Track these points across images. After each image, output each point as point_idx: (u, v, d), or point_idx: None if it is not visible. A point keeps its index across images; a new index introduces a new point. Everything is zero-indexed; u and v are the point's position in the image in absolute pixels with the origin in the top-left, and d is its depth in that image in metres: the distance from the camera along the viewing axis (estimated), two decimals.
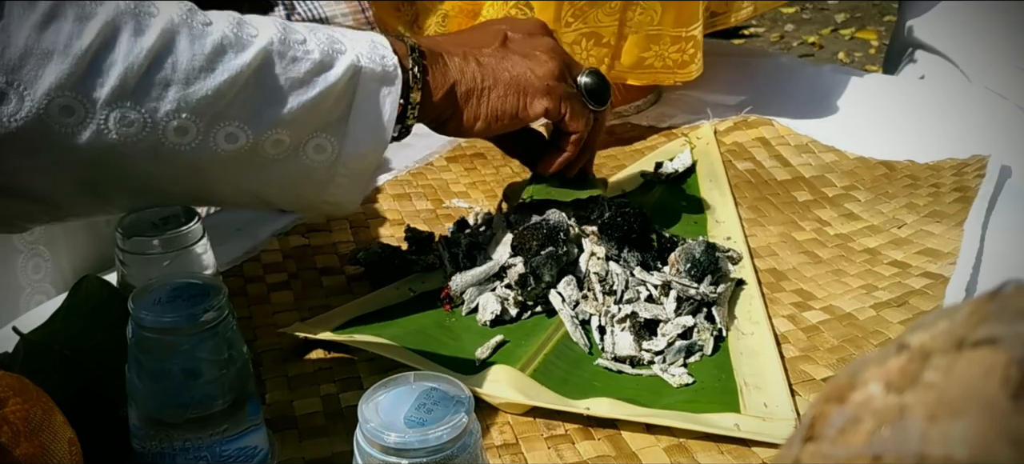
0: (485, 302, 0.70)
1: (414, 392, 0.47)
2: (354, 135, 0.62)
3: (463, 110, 0.68)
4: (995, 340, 0.18)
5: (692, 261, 0.70)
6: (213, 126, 0.57)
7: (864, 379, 0.19)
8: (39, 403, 0.43)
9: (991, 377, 0.17)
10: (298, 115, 0.60)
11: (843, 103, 1.06)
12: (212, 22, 0.58)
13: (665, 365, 0.65)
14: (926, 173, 0.89)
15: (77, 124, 0.54)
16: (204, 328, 0.52)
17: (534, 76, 0.69)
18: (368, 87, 0.62)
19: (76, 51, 0.53)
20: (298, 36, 0.61)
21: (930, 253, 0.77)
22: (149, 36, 0.55)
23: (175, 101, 0.56)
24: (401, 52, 0.64)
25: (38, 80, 0.52)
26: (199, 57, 0.56)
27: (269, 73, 0.59)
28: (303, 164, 0.61)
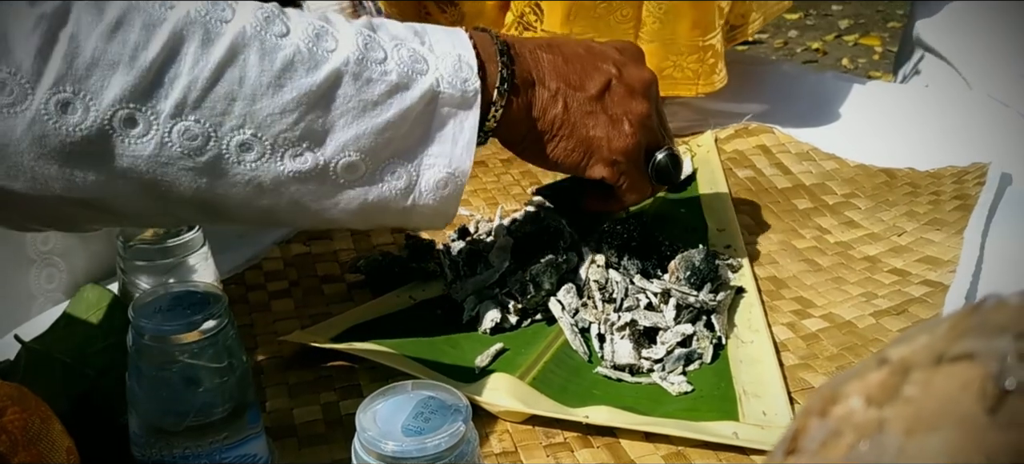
0: (485, 310, 0.70)
1: (412, 401, 0.47)
2: (430, 162, 0.60)
3: (529, 143, 0.67)
4: (973, 355, 0.18)
5: (692, 269, 0.71)
6: (279, 144, 0.56)
7: (846, 393, 0.20)
8: (37, 412, 0.43)
9: (968, 392, 0.17)
10: (371, 139, 0.58)
11: (845, 110, 1.07)
12: (289, 32, 0.56)
13: (664, 373, 0.66)
14: (926, 181, 0.89)
15: (140, 136, 0.53)
16: (204, 336, 0.53)
17: (608, 146, 0.68)
18: (445, 113, 0.60)
19: (142, 62, 0.52)
20: (378, 54, 0.59)
21: (930, 261, 0.77)
22: (218, 48, 0.54)
23: (240, 117, 0.55)
24: (491, 76, 0.63)
25: (104, 90, 0.52)
26: (268, 73, 0.55)
27: (341, 94, 0.57)
28: (381, 192, 0.60)
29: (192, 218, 0.61)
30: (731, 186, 0.89)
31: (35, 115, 0.51)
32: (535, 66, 0.66)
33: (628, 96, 0.69)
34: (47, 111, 0.51)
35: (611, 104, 0.68)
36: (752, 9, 1.00)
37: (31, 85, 0.50)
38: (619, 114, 0.68)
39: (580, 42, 0.71)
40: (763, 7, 1.03)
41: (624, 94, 0.69)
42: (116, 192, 0.55)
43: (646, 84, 0.70)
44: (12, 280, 0.72)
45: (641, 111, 0.69)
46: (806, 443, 0.19)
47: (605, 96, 0.68)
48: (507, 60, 0.64)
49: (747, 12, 1.00)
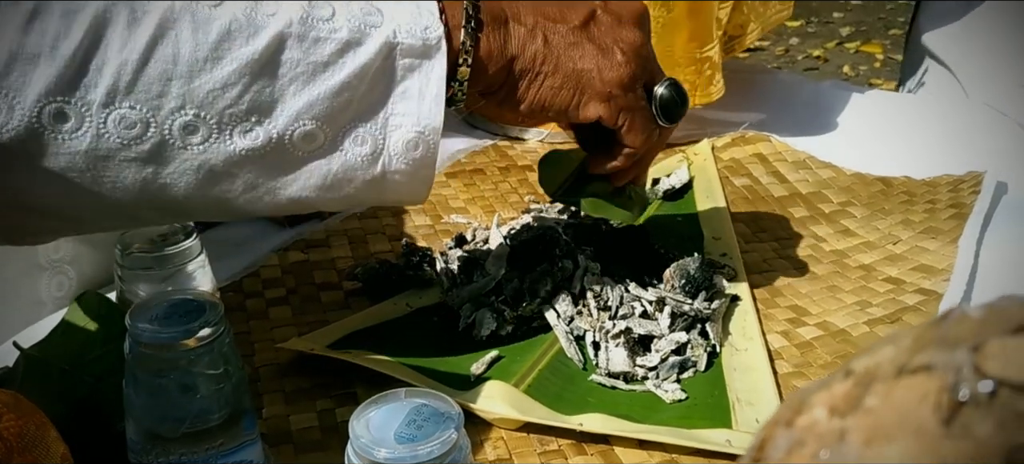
0: (481, 318, 0.70)
1: (405, 408, 0.47)
2: (396, 122, 0.55)
3: (510, 89, 0.61)
4: (931, 367, 0.18)
5: (687, 277, 0.71)
6: (225, 122, 0.52)
7: (811, 403, 0.20)
8: (33, 418, 0.44)
9: (925, 403, 0.18)
10: (327, 104, 0.54)
11: (842, 118, 1.07)
12: (219, 4, 0.52)
13: (659, 381, 0.66)
14: (922, 189, 0.89)
15: (73, 130, 0.50)
16: (200, 343, 0.53)
17: (599, 78, 0.61)
18: (406, 64, 0.55)
19: (64, 51, 0.49)
20: (324, 12, 0.54)
21: (924, 269, 0.77)
22: (146, 26, 0.50)
23: (179, 97, 0.51)
24: (454, 20, 0.57)
25: (26, 86, 0.48)
26: (204, 46, 0.51)
27: (287, 58, 0.53)
28: (345, 162, 0.55)
29: (144, 216, 0.56)
30: (728, 194, 0.89)
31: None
32: (506, 7, 0.61)
33: (617, 24, 0.63)
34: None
35: (598, 34, 0.62)
36: (751, 20, 1.01)
37: None
38: (608, 43, 0.62)
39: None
40: (762, 17, 1.03)
41: (612, 23, 0.63)
42: (58, 194, 0.52)
43: (637, 13, 0.64)
44: (23, 288, 0.73)
45: (633, 39, 0.63)
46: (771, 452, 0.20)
47: (590, 26, 0.62)
48: (467, 4, 0.58)
49: (745, 22, 1.00)
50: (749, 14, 1.01)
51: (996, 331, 0.18)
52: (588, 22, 0.62)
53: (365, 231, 0.85)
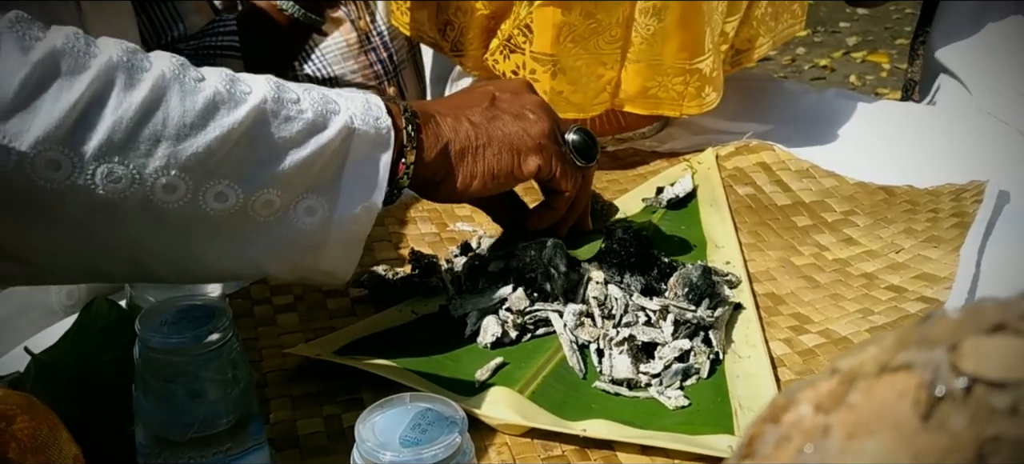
0: (485, 324, 0.71)
1: (410, 412, 0.48)
2: (345, 197, 0.61)
3: (458, 170, 0.67)
4: (910, 365, 0.19)
5: (690, 285, 0.72)
6: (203, 184, 0.56)
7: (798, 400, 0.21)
8: (45, 421, 0.45)
9: (904, 399, 0.19)
10: (290, 175, 0.59)
11: (846, 128, 1.07)
12: (205, 78, 0.57)
13: (662, 387, 0.67)
14: (925, 198, 0.90)
15: (63, 179, 0.52)
16: (209, 349, 0.54)
17: (527, 135, 0.69)
18: (361, 148, 0.61)
19: (65, 104, 0.52)
20: (292, 95, 0.60)
21: (927, 278, 0.78)
22: (140, 90, 0.54)
23: (164, 157, 0.55)
24: (395, 113, 0.64)
25: (25, 133, 0.51)
26: (190, 113, 0.55)
27: (262, 131, 0.58)
28: (294, 227, 0.60)
29: (115, 271, 0.60)
30: (731, 203, 0.90)
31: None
32: (423, 107, 0.68)
33: (516, 95, 0.71)
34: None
35: (506, 105, 0.70)
36: (760, 34, 1.02)
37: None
38: (518, 109, 0.70)
39: (449, 96, 0.75)
40: (773, 31, 1.04)
41: (511, 95, 0.71)
42: (33, 237, 0.54)
43: (524, 84, 0.73)
44: (34, 297, 0.74)
45: (535, 100, 0.72)
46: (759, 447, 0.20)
47: (497, 102, 0.70)
48: (404, 103, 0.66)
49: (754, 36, 1.01)
50: (758, 28, 1.01)
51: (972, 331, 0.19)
52: (494, 100, 0.70)
53: (371, 239, 0.86)
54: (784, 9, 1.04)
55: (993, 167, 0.93)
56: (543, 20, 0.88)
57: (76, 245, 0.55)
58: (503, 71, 0.93)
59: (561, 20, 0.88)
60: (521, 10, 0.89)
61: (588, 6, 0.88)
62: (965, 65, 1.22)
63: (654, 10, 0.89)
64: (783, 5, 1.04)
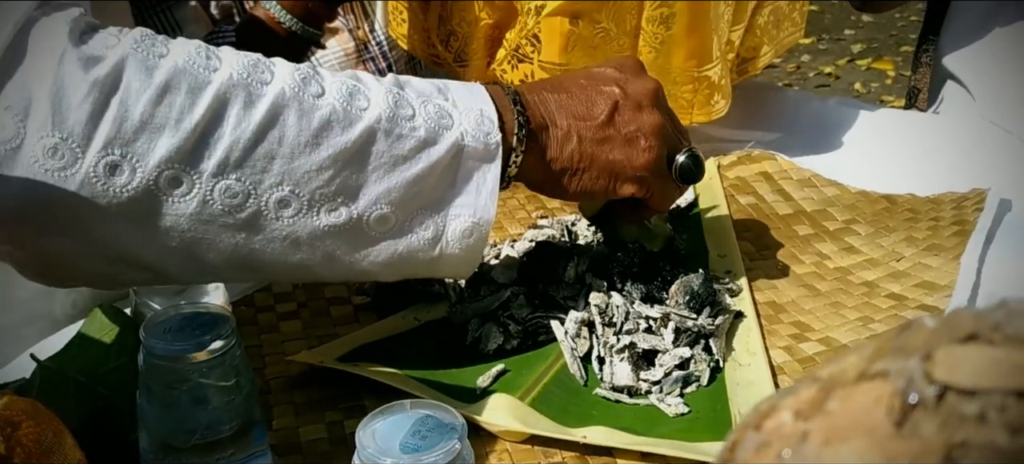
0: (487, 332, 0.72)
1: (410, 419, 0.49)
2: (456, 212, 0.63)
3: (552, 183, 0.69)
4: (886, 373, 0.20)
5: (691, 294, 0.72)
6: (315, 200, 0.58)
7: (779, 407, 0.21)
8: (51, 426, 0.45)
9: (878, 406, 0.19)
10: (401, 193, 0.60)
11: (848, 136, 1.08)
12: (325, 92, 0.59)
13: (662, 395, 0.67)
14: (926, 207, 0.90)
15: (183, 195, 0.56)
16: (212, 356, 0.55)
17: (630, 166, 0.69)
18: (469, 164, 0.62)
19: (187, 125, 0.55)
20: (407, 111, 0.61)
21: (927, 286, 0.78)
22: (259, 109, 0.57)
23: (279, 174, 0.57)
24: (508, 125, 0.65)
25: (150, 153, 0.54)
26: (306, 132, 0.57)
27: (374, 150, 0.59)
28: (409, 243, 0.62)
29: (227, 275, 0.62)
30: (733, 212, 0.90)
31: (84, 177, 0.53)
32: (544, 108, 0.68)
33: (637, 111, 0.70)
34: (96, 173, 0.53)
35: (623, 123, 0.69)
36: (763, 43, 1.02)
37: (81, 149, 0.53)
38: (632, 132, 0.69)
39: (580, 72, 0.73)
40: (775, 40, 1.04)
41: (632, 111, 0.70)
42: (159, 249, 0.57)
43: (652, 94, 0.71)
44: (39, 306, 0.75)
45: (653, 122, 0.70)
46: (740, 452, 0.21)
47: (615, 117, 0.69)
48: (520, 109, 0.66)
49: (758, 45, 1.02)
50: (762, 36, 1.02)
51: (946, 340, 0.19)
52: (613, 115, 0.69)
53: None
54: (785, 17, 1.05)
55: (995, 175, 0.93)
56: (551, 30, 0.89)
57: (195, 255, 0.58)
58: (510, 81, 0.94)
59: (569, 29, 0.88)
60: (528, 20, 0.90)
61: (596, 15, 0.88)
62: (970, 72, 1.22)
63: (661, 18, 0.90)
64: (784, 13, 1.04)
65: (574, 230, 0.83)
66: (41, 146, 0.52)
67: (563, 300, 0.74)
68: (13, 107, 0.52)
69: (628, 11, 0.89)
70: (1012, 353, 0.18)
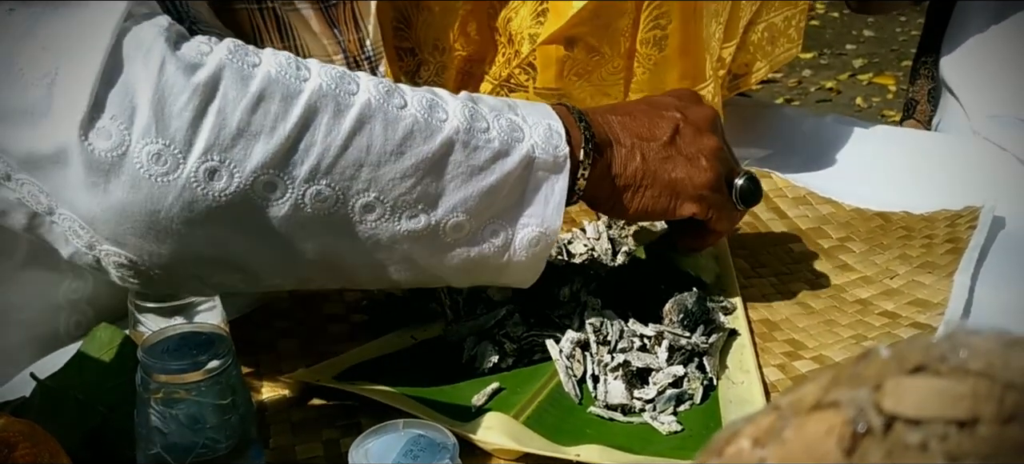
0: (482, 350, 0.72)
1: (403, 438, 0.49)
2: (525, 222, 0.65)
3: (615, 200, 0.71)
4: (838, 403, 0.20)
5: (685, 312, 0.73)
6: (397, 206, 0.61)
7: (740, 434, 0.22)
8: (47, 447, 0.46)
9: (830, 435, 0.20)
10: (476, 201, 0.63)
11: (844, 153, 1.08)
12: (407, 104, 0.62)
13: (655, 413, 0.68)
14: (920, 224, 0.91)
15: (277, 199, 0.58)
16: (209, 375, 0.55)
17: (691, 184, 0.72)
18: (539, 175, 0.65)
19: (281, 133, 0.57)
20: (482, 124, 0.64)
21: (920, 303, 0.79)
22: (348, 119, 0.59)
23: (366, 181, 0.60)
24: (575, 140, 0.67)
25: (247, 159, 0.57)
26: (391, 141, 0.60)
27: (453, 160, 0.62)
28: (481, 250, 0.64)
29: (313, 276, 0.64)
30: None
31: (185, 182, 0.56)
32: (607, 128, 0.70)
33: (697, 134, 0.73)
34: (196, 178, 0.56)
35: (684, 145, 0.72)
36: (757, 59, 1.03)
37: (183, 155, 0.55)
38: (693, 152, 0.72)
39: (640, 100, 0.76)
40: (769, 56, 1.05)
41: (693, 134, 0.72)
42: (252, 251, 0.60)
43: (710, 120, 0.75)
44: (41, 325, 0.75)
45: (713, 145, 0.73)
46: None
47: (677, 139, 0.72)
48: (585, 125, 0.68)
49: (751, 62, 1.02)
50: (755, 53, 1.03)
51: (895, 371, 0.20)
52: (674, 136, 0.72)
53: None
54: (780, 34, 1.06)
55: (989, 192, 0.94)
56: (546, 57, 0.90)
57: (286, 256, 0.61)
58: None
59: (564, 55, 0.89)
60: (523, 49, 0.91)
61: (591, 39, 0.89)
62: (965, 88, 1.23)
63: (655, 40, 0.91)
64: (779, 30, 1.05)
65: (570, 249, 0.84)
66: (145, 152, 0.55)
67: (558, 319, 0.74)
68: (118, 116, 0.54)
69: (622, 34, 0.90)
70: (955, 384, 0.19)
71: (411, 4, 0.95)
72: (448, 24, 0.93)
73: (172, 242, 0.57)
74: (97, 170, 0.55)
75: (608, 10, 0.89)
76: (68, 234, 0.58)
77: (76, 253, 0.59)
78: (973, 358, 0.19)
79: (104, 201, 0.55)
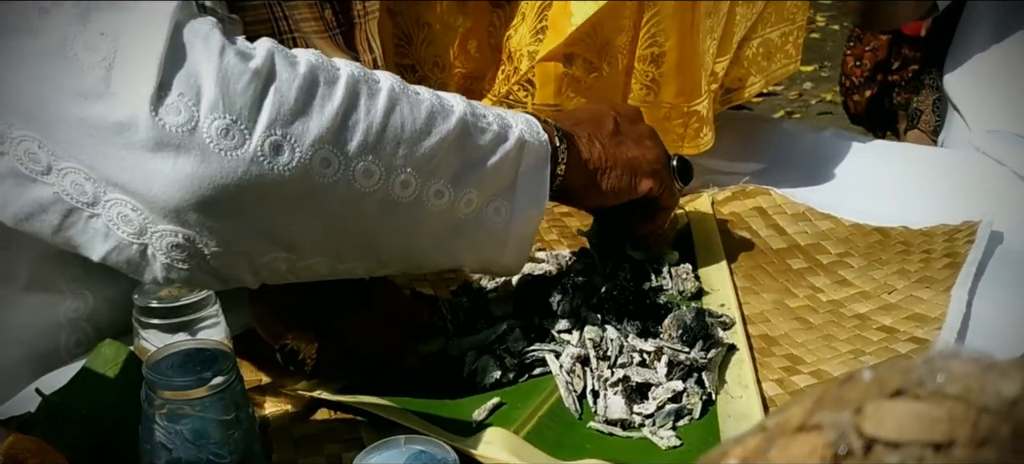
0: (483, 365, 0.73)
1: (404, 454, 0.50)
2: (520, 200, 0.70)
3: (590, 185, 0.76)
4: (821, 426, 0.21)
5: (684, 327, 0.73)
6: (427, 182, 0.65)
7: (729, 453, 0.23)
8: (54, 463, 0.47)
9: (813, 456, 0.21)
10: (484, 178, 0.67)
11: (842, 168, 1.09)
12: (420, 92, 0.66)
13: (655, 428, 0.68)
14: (919, 239, 0.91)
15: (333, 174, 0.61)
16: (212, 391, 0.56)
17: (644, 161, 0.79)
18: (530, 159, 0.70)
19: (330, 110, 0.61)
20: (481, 110, 0.69)
21: (918, 318, 0.79)
22: (381, 99, 0.63)
23: (404, 157, 0.63)
24: (548, 130, 0.73)
25: (305, 133, 0.60)
26: (419, 120, 0.64)
27: (467, 139, 0.67)
28: (486, 225, 0.69)
29: (348, 256, 0.66)
30: (727, 247, 0.92)
31: (253, 155, 0.58)
32: (563, 124, 0.76)
33: (633, 123, 0.81)
34: (263, 152, 0.58)
35: (627, 132, 0.80)
36: (751, 74, 1.04)
37: (248, 130, 0.58)
38: (637, 136, 0.80)
39: (573, 109, 0.82)
40: (765, 71, 1.06)
41: (629, 123, 0.81)
42: (303, 227, 0.62)
43: (638, 112, 0.84)
44: (42, 344, 0.76)
45: (648, 129, 0.82)
46: None
47: (619, 128, 0.79)
48: (552, 122, 0.74)
49: (744, 76, 1.03)
50: (749, 68, 1.04)
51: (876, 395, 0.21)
52: (617, 127, 0.79)
53: None
54: (777, 50, 1.06)
55: (987, 207, 0.94)
56: (545, 74, 0.91)
57: (330, 233, 0.64)
58: None
59: (562, 72, 0.90)
60: (522, 66, 0.92)
61: (589, 57, 0.90)
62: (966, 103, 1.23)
63: (652, 57, 0.92)
64: (775, 45, 1.06)
65: (570, 264, 0.85)
66: (215, 127, 0.57)
67: (558, 333, 0.75)
68: (185, 93, 0.57)
69: (620, 50, 0.91)
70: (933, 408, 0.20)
71: (412, 22, 0.96)
72: (448, 42, 0.94)
73: (235, 216, 0.59)
74: (166, 144, 0.56)
75: (606, 28, 0.90)
76: (112, 224, 0.59)
77: (116, 247, 0.60)
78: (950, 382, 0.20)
79: (172, 175, 0.57)
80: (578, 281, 0.81)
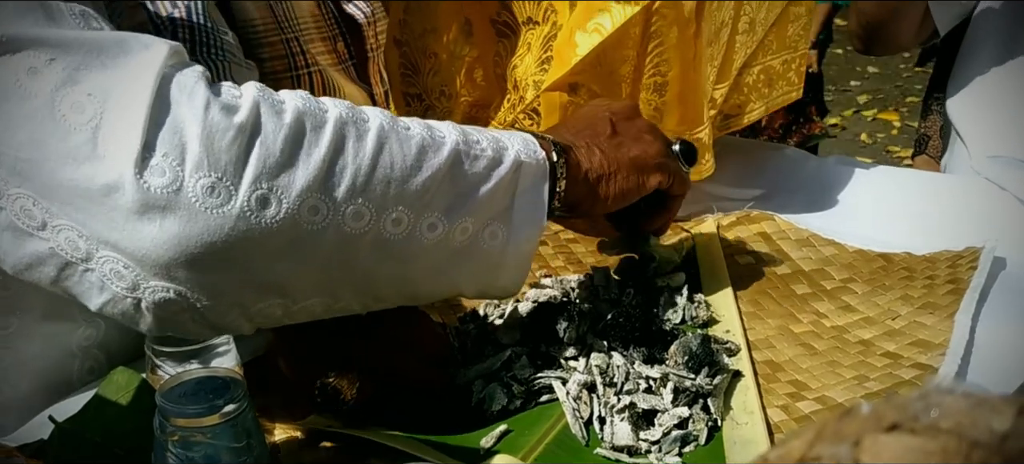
0: (491, 392, 0.74)
1: None
2: (517, 222, 0.70)
3: (596, 194, 0.76)
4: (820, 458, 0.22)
5: (690, 354, 0.74)
6: (420, 217, 0.65)
7: None
8: None
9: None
10: (479, 205, 0.68)
11: (846, 194, 1.10)
12: (410, 126, 0.66)
13: (661, 454, 0.69)
14: (922, 265, 0.92)
15: (322, 221, 0.61)
16: (225, 419, 0.57)
17: (647, 156, 0.79)
18: (527, 179, 0.70)
19: (317, 158, 0.61)
20: (474, 137, 0.69)
21: (921, 344, 0.80)
22: (369, 141, 0.63)
23: (395, 196, 0.63)
24: (546, 147, 0.73)
25: (292, 185, 0.60)
26: (409, 157, 0.64)
27: (459, 169, 0.67)
28: (482, 250, 0.69)
29: (343, 295, 0.66)
30: (732, 273, 0.92)
31: (239, 211, 0.58)
32: (560, 137, 0.76)
33: (630, 120, 0.81)
34: (249, 207, 0.59)
35: (625, 131, 0.79)
36: (751, 100, 1.05)
37: (234, 187, 0.58)
38: (635, 133, 0.80)
39: (566, 118, 0.83)
40: (766, 98, 1.07)
41: (626, 121, 0.80)
42: (295, 274, 0.62)
43: (633, 107, 0.83)
44: (55, 373, 0.77)
45: (646, 124, 0.82)
46: None
47: (616, 129, 0.79)
48: (549, 138, 0.74)
49: (744, 103, 1.04)
50: (749, 94, 1.05)
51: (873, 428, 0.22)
52: (614, 128, 0.79)
53: None
54: (779, 77, 1.08)
55: (990, 232, 0.95)
56: (550, 103, 0.92)
57: (323, 276, 0.64)
58: None
59: (568, 101, 0.92)
60: (527, 94, 0.93)
61: (593, 86, 0.91)
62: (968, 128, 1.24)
63: (655, 86, 0.93)
64: (777, 73, 1.07)
65: (576, 290, 0.86)
66: (200, 186, 0.57)
67: (565, 360, 0.76)
68: (170, 154, 0.57)
69: (624, 80, 0.92)
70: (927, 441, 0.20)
71: (419, 52, 0.97)
72: (455, 71, 0.96)
73: (225, 270, 0.59)
74: (152, 206, 0.57)
75: (610, 58, 0.91)
76: (106, 280, 0.60)
77: (111, 299, 0.61)
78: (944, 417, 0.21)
79: (159, 236, 0.57)
80: (584, 308, 0.82)
